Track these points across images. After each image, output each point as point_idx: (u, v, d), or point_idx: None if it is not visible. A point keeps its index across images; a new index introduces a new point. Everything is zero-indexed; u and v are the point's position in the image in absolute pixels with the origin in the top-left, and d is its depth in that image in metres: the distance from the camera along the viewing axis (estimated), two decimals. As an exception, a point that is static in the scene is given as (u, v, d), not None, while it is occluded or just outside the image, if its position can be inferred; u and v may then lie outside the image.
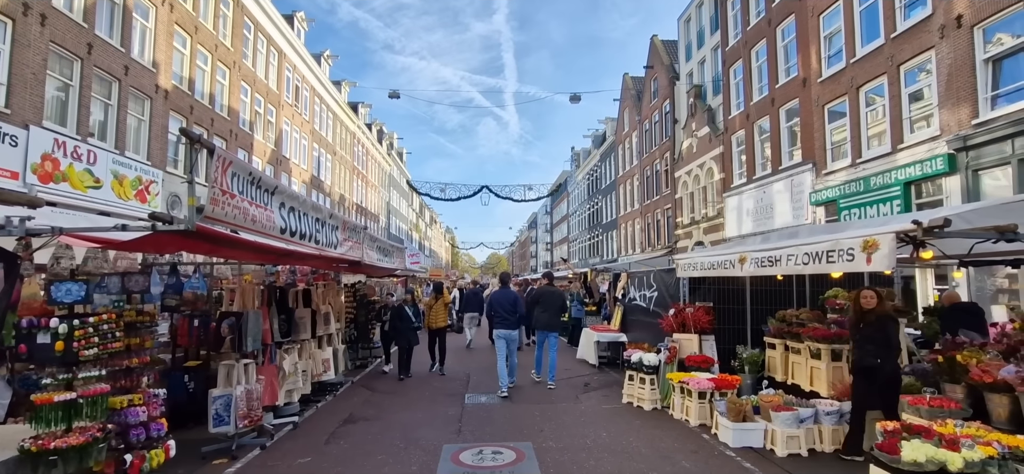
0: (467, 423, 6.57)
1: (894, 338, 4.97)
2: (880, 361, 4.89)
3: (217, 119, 19.56)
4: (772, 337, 7.36)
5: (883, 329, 4.92)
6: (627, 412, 7.15)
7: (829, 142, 15.93)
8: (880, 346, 4.90)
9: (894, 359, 4.94)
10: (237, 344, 5.52)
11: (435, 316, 10.55)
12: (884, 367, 4.89)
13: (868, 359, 4.99)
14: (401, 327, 9.78)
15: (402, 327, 9.78)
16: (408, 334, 9.76)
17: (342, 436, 6.08)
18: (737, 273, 5.93)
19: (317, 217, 5.30)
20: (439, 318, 10.55)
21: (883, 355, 4.88)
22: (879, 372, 4.90)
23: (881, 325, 4.94)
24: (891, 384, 4.92)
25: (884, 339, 4.90)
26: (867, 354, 5.00)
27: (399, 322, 9.82)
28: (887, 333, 4.91)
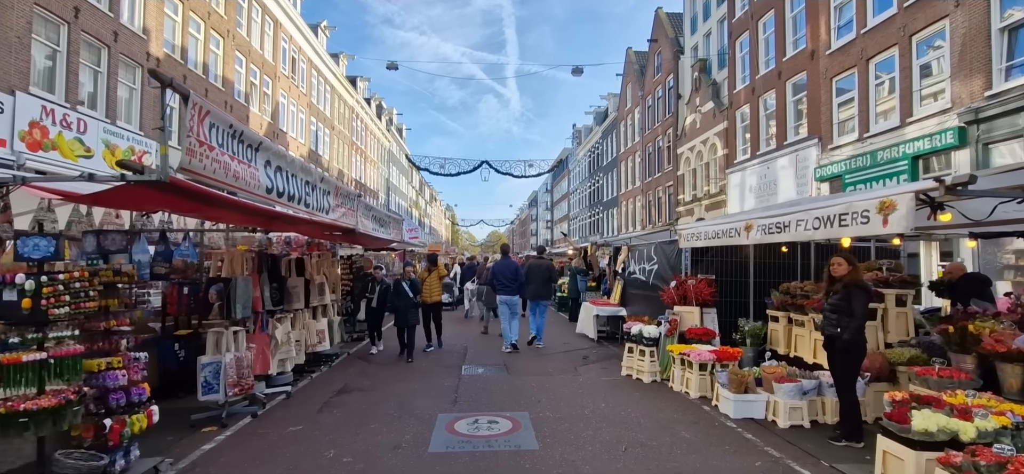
0: (463, 394, 6.45)
1: (858, 306, 4.57)
2: (839, 329, 4.67)
3: (211, 89, 19.18)
4: (775, 310, 7.21)
5: (847, 297, 4.64)
6: (626, 384, 7.04)
7: (836, 116, 15.61)
8: (842, 314, 4.65)
9: (855, 328, 4.56)
10: (225, 310, 5.36)
11: (429, 290, 9.76)
12: (842, 335, 4.63)
13: (829, 327, 4.80)
14: (399, 305, 8.84)
15: (400, 305, 8.83)
16: (406, 313, 8.82)
17: (335, 405, 5.96)
18: (743, 241, 5.74)
19: (307, 179, 5.09)
20: (434, 292, 9.80)
21: (843, 323, 4.62)
22: (837, 340, 4.68)
23: (847, 293, 4.66)
24: (847, 351, 4.64)
25: (847, 307, 4.62)
26: (829, 323, 4.80)
27: (397, 300, 8.86)
28: (850, 300, 4.61)
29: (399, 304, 8.82)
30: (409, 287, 8.86)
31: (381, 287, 9.31)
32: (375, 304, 9.32)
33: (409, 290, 8.80)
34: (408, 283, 8.89)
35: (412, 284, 8.96)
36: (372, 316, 9.54)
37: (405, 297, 8.77)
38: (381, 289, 9.26)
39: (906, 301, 6.14)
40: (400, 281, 8.94)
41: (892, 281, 6.18)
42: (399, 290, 8.83)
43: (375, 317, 9.51)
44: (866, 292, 4.67)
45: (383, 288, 9.27)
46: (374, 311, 9.41)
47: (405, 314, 8.82)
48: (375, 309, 9.37)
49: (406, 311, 8.82)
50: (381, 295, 9.22)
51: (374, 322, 9.56)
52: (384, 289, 9.24)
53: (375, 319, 9.52)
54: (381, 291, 9.25)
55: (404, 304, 8.81)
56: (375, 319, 9.52)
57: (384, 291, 9.22)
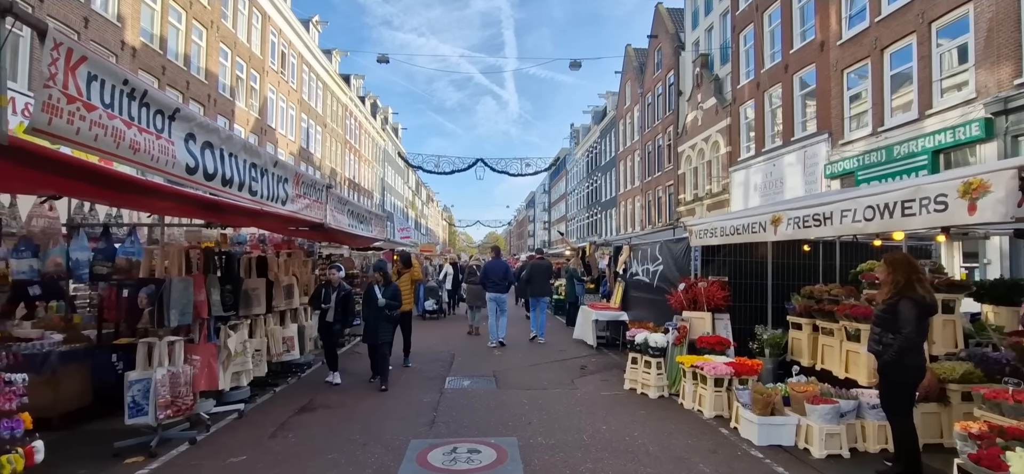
0: (444, 413, 5.62)
1: (907, 321, 3.71)
2: (881, 348, 3.89)
3: (193, 82, 18.35)
4: (797, 316, 6.40)
5: (894, 310, 3.81)
6: (630, 400, 6.22)
7: (847, 110, 14.83)
8: (887, 330, 3.86)
9: (901, 345, 3.73)
10: (157, 318, 4.53)
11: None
12: (883, 355, 3.85)
13: (873, 345, 4.01)
14: (367, 317, 6.92)
15: (368, 316, 6.89)
16: (376, 327, 6.80)
17: (293, 427, 5.13)
18: (767, 238, 4.93)
19: (253, 162, 4.26)
20: (404, 299, 7.91)
21: (886, 341, 3.83)
22: (882, 360, 3.89)
23: (893, 305, 3.83)
24: (899, 372, 3.83)
25: (893, 321, 3.81)
26: (873, 339, 4.01)
27: (366, 309, 6.95)
28: (897, 314, 3.79)
29: (367, 315, 6.98)
30: (383, 294, 6.89)
31: (339, 295, 7.07)
32: (331, 317, 7.00)
33: (379, 293, 6.88)
34: (381, 289, 6.94)
35: (390, 292, 6.98)
36: (326, 334, 7.15)
37: (374, 307, 6.83)
38: (339, 297, 7.06)
39: (954, 307, 5.33)
40: (372, 286, 7.01)
41: (937, 284, 5.38)
42: (369, 298, 6.95)
43: (330, 336, 7.16)
44: (918, 305, 3.81)
45: (342, 296, 7.10)
46: (328, 327, 7.09)
47: (374, 329, 6.85)
48: (330, 324, 7.06)
49: (376, 325, 6.84)
50: (340, 305, 7.07)
51: (329, 342, 7.19)
52: (343, 297, 7.13)
53: (330, 338, 7.18)
54: (339, 300, 7.06)
55: (373, 315, 6.86)
56: (330, 338, 7.18)
57: (343, 300, 7.11)
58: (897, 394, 3.94)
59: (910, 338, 3.78)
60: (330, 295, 7.05)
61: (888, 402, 4.03)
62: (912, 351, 3.82)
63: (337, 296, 7.05)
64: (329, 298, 7.04)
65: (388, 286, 7.03)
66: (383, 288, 6.92)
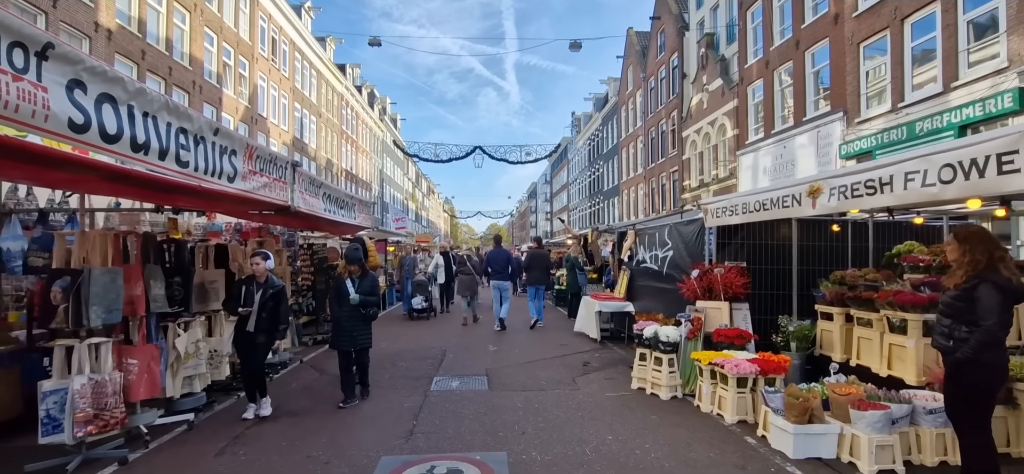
0: (426, 421, 4.89)
1: (988, 310, 2.98)
2: (952, 343, 3.15)
3: (176, 68, 17.57)
4: (827, 305, 5.64)
5: (970, 296, 3.07)
6: (639, 403, 5.49)
7: (864, 86, 13.98)
8: (959, 320, 3.11)
9: (980, 339, 3.00)
10: (74, 315, 3.80)
11: None
12: (954, 351, 3.12)
13: (940, 339, 3.26)
14: (342, 317, 5.48)
15: (343, 317, 5.46)
16: (352, 329, 5.44)
17: (248, 441, 4.41)
18: (803, 213, 4.18)
19: (182, 126, 3.51)
20: None
21: (959, 335, 3.10)
22: (952, 358, 3.15)
23: (970, 290, 3.08)
24: (963, 373, 3.11)
25: (968, 311, 3.07)
26: (941, 332, 3.26)
27: (337, 307, 5.59)
28: (974, 301, 3.05)
29: (338, 314, 5.55)
30: (357, 288, 5.47)
31: (265, 294, 4.94)
32: (252, 325, 4.91)
33: (354, 293, 5.43)
34: (355, 282, 5.49)
35: (366, 285, 5.57)
36: (247, 349, 5.00)
37: (346, 304, 5.44)
38: (265, 297, 4.92)
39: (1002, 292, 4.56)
40: (342, 278, 5.62)
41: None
42: (339, 293, 5.54)
43: (252, 351, 4.99)
44: (1002, 290, 3.04)
45: (269, 296, 4.96)
46: (250, 340, 4.94)
47: (347, 332, 5.44)
48: (251, 336, 4.93)
49: (349, 328, 5.43)
50: (267, 309, 4.95)
51: (252, 361, 5.04)
52: (271, 297, 4.98)
53: (252, 355, 5.02)
54: (266, 301, 4.93)
55: (345, 315, 5.45)
56: (252, 355, 5.02)
57: (271, 302, 4.99)
58: (972, 399, 3.19)
59: (991, 331, 3.02)
60: (253, 294, 4.96)
61: (959, 409, 3.28)
62: (993, 347, 3.07)
63: (262, 296, 4.94)
64: (250, 298, 4.94)
65: (364, 278, 5.64)
66: (357, 281, 5.57)
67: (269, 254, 5.27)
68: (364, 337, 5.63)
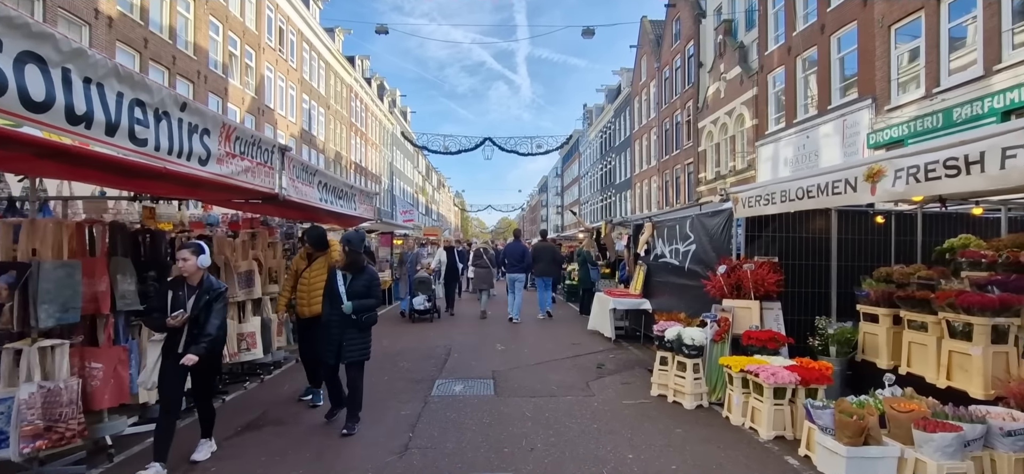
0: (424, 432, 4.41)
1: None
2: None
3: (180, 57, 17.23)
4: (872, 305, 5.06)
5: None
6: (660, 412, 4.96)
7: (895, 71, 13.20)
8: None
9: None
10: (20, 315, 3.35)
11: (307, 292, 5.13)
12: None
13: None
14: (330, 321, 4.46)
15: (331, 321, 4.45)
16: (341, 337, 4.39)
17: (224, 455, 3.95)
18: (858, 199, 3.59)
19: (138, 98, 3.03)
20: (313, 296, 5.05)
21: None
22: None
23: None
24: None
25: None
26: None
27: (327, 305, 4.54)
28: None
29: (330, 317, 4.46)
30: (348, 287, 4.43)
31: (200, 301, 3.64)
32: (183, 345, 3.61)
33: (342, 286, 4.42)
34: (346, 278, 4.46)
35: (360, 284, 4.45)
36: (169, 378, 3.66)
37: (336, 308, 4.40)
38: (202, 305, 3.64)
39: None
40: (333, 272, 4.59)
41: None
42: (329, 293, 4.54)
43: (174, 378, 3.66)
44: None
45: (207, 303, 3.66)
46: (173, 367, 3.62)
47: (334, 340, 4.39)
48: (177, 357, 3.59)
49: (338, 335, 4.38)
50: (198, 323, 3.64)
51: (173, 389, 3.67)
52: (208, 304, 3.66)
53: (175, 381, 3.67)
54: (203, 309, 3.65)
55: (335, 319, 4.41)
56: (175, 381, 3.67)
57: (204, 309, 3.64)
58: None
59: None
60: (184, 301, 3.58)
61: None
62: None
63: (196, 302, 3.59)
64: (177, 305, 3.57)
65: (360, 274, 4.47)
66: (350, 278, 4.44)
67: (203, 247, 3.79)
68: (357, 349, 4.38)
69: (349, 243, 4.46)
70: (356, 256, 4.50)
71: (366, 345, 4.51)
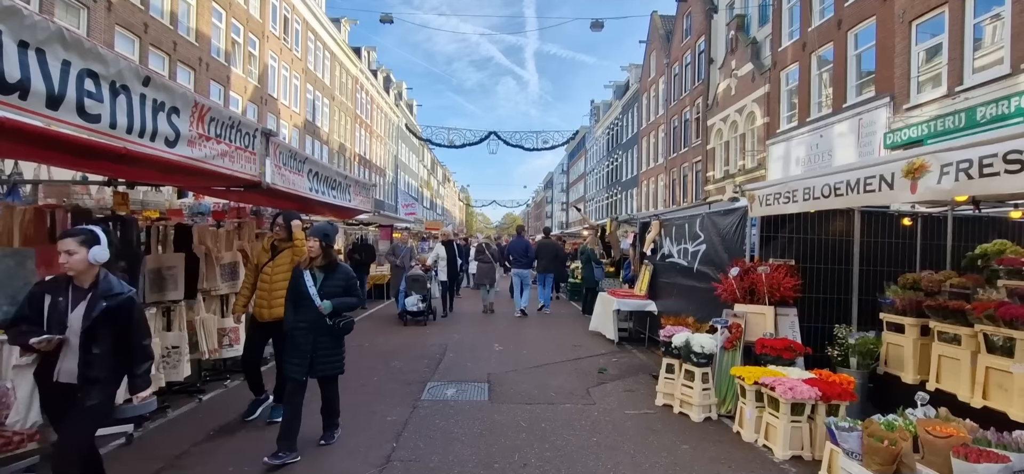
0: (409, 442, 4.08)
1: None
2: None
3: (181, 43, 16.96)
4: (898, 314, 4.68)
5: None
6: (665, 424, 4.60)
7: (915, 68, 12.70)
8: None
9: None
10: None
11: (268, 290, 4.43)
12: None
13: None
14: (297, 328, 3.81)
15: (298, 328, 3.81)
16: (313, 347, 3.76)
17: (187, 465, 3.64)
18: (896, 198, 3.22)
19: (90, 68, 2.69)
20: (275, 296, 4.37)
21: None
22: None
23: None
24: None
25: None
26: None
27: (292, 313, 3.87)
28: None
29: (295, 324, 3.81)
30: (321, 287, 3.81)
31: (96, 309, 2.62)
32: (61, 373, 2.59)
33: (312, 287, 3.77)
34: (318, 276, 3.84)
35: (337, 281, 3.87)
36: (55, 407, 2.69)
37: (306, 310, 3.76)
38: (96, 314, 2.61)
39: None
40: (299, 272, 3.88)
41: None
42: (297, 294, 3.84)
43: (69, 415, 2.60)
44: None
45: (103, 311, 2.63)
46: (64, 395, 2.60)
47: (307, 350, 3.73)
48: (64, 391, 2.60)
49: (310, 344, 3.74)
50: (95, 336, 2.61)
51: (65, 433, 2.63)
52: (108, 312, 2.64)
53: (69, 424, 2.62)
54: (96, 321, 2.61)
55: (303, 326, 3.76)
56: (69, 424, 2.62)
57: (106, 319, 2.64)
58: None
59: None
60: (64, 312, 2.61)
61: None
62: None
63: (87, 312, 2.60)
64: (59, 318, 2.59)
65: (334, 272, 3.88)
66: (320, 276, 3.82)
67: (98, 235, 2.71)
68: (331, 361, 3.85)
69: (326, 236, 3.93)
70: (331, 251, 3.98)
71: (341, 356, 3.98)
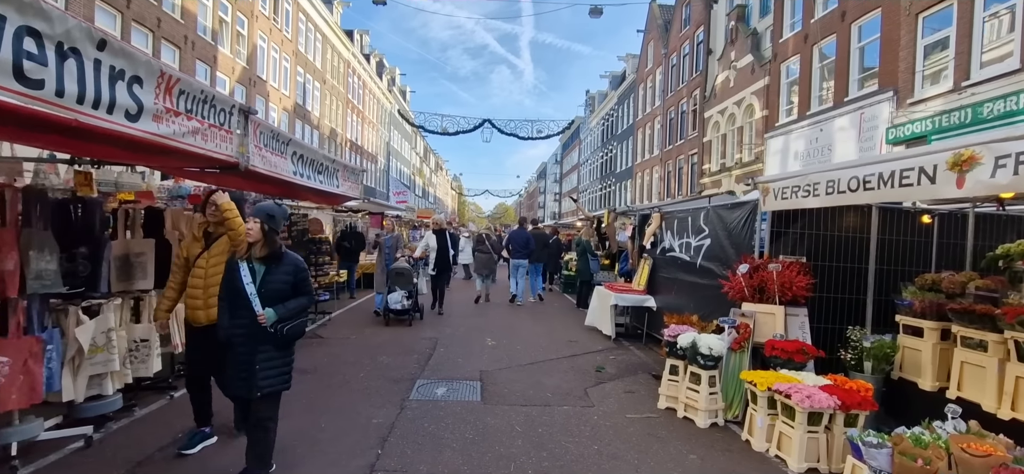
0: (395, 448, 3.77)
1: None
2: None
3: (165, 20, 16.34)
4: (916, 317, 4.42)
5: None
6: (669, 430, 4.33)
7: (920, 62, 12.46)
8: None
9: None
10: None
11: (203, 287, 3.56)
12: None
13: None
14: (233, 333, 3.02)
15: (235, 333, 3.02)
16: (250, 358, 2.98)
17: (149, 471, 3.31)
18: (938, 193, 2.92)
19: (34, 28, 2.32)
20: (210, 294, 3.48)
21: None
22: None
23: None
24: None
25: None
26: None
27: (225, 314, 3.07)
28: None
29: (230, 330, 3.04)
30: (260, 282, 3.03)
31: None
32: None
33: (249, 284, 2.99)
34: (258, 268, 3.06)
35: (283, 275, 3.10)
36: None
37: (242, 313, 2.99)
38: None
39: None
40: (235, 262, 3.08)
41: None
42: (232, 292, 3.03)
43: None
44: None
45: None
46: None
47: (245, 363, 3.01)
48: None
49: (249, 356, 3.01)
50: None
51: None
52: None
53: None
54: None
55: (240, 332, 3.01)
56: None
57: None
58: None
59: None
60: None
61: None
62: None
63: None
64: None
65: (278, 264, 3.08)
66: (263, 270, 3.04)
67: None
68: (275, 374, 3.01)
69: (270, 218, 3.06)
70: (275, 237, 3.11)
71: (288, 368, 3.12)
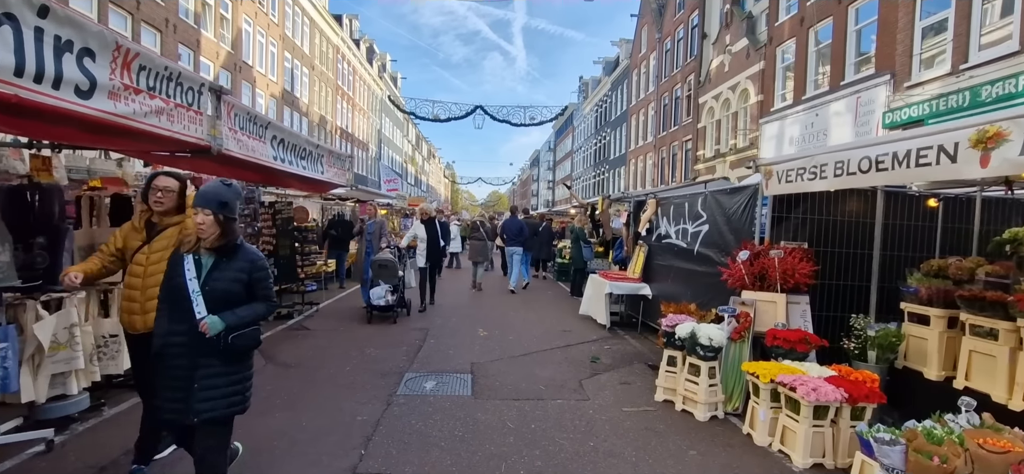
0: (380, 446, 3.57)
1: None
2: None
3: (145, 2, 15.80)
4: (922, 305, 4.26)
5: None
6: (668, 424, 4.16)
7: (917, 45, 12.29)
8: None
9: None
10: None
11: (141, 287, 2.85)
12: None
13: None
14: (167, 347, 2.43)
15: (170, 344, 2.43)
16: (183, 376, 2.40)
17: (117, 477, 3.09)
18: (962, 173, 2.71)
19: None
20: (148, 298, 2.80)
21: None
22: None
23: None
24: None
25: None
26: None
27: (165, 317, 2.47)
28: None
29: (166, 339, 2.44)
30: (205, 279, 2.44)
31: None
32: None
33: (192, 281, 2.40)
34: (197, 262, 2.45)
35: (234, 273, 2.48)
36: None
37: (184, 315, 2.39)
38: None
39: None
40: (178, 256, 2.48)
41: None
42: (174, 293, 2.43)
43: None
44: None
45: None
46: None
47: (184, 378, 2.40)
48: None
49: (189, 370, 2.41)
50: None
51: None
52: None
53: None
54: None
55: (177, 340, 2.42)
56: None
57: None
58: None
59: None
60: None
61: None
62: None
63: None
64: None
65: (231, 258, 2.50)
66: (210, 264, 2.47)
67: None
68: (220, 394, 2.44)
69: (222, 205, 2.42)
70: (233, 227, 2.50)
71: (240, 386, 2.50)
